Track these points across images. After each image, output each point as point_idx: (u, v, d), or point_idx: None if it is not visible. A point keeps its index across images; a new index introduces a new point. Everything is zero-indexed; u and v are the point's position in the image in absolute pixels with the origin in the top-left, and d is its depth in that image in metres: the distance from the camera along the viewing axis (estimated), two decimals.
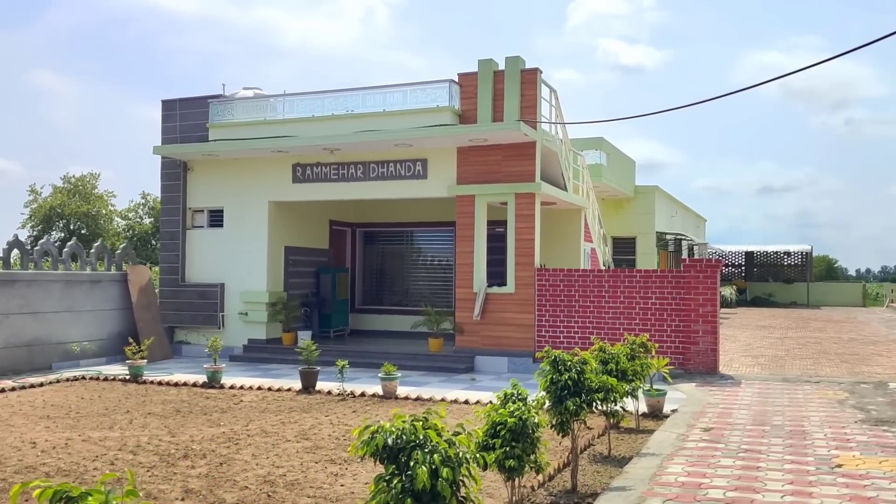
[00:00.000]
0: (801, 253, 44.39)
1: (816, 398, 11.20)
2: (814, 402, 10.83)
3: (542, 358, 7.33)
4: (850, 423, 9.36)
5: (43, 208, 44.28)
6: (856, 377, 13.39)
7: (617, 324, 14.12)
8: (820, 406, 10.56)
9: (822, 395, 11.48)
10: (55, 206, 44.02)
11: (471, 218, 15.11)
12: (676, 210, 30.60)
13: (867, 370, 14.45)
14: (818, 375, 13.58)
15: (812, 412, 10.12)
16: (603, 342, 8.82)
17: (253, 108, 16.51)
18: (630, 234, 26.13)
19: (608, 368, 8.15)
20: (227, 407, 11.03)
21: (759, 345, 19.51)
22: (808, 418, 9.69)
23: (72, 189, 44.85)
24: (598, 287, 14.31)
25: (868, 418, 9.63)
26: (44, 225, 44.63)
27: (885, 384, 12.31)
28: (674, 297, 13.76)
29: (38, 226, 44.86)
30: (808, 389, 11.99)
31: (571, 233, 17.92)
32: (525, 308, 14.70)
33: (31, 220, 44.95)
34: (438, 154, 15.41)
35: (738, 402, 10.93)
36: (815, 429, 9.07)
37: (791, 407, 10.48)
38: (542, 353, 7.25)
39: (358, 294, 20.06)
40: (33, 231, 44.85)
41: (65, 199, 44.00)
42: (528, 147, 14.75)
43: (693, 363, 13.48)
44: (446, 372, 14.41)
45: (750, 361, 15.90)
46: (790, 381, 12.84)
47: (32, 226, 45.18)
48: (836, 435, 8.69)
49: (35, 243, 40.80)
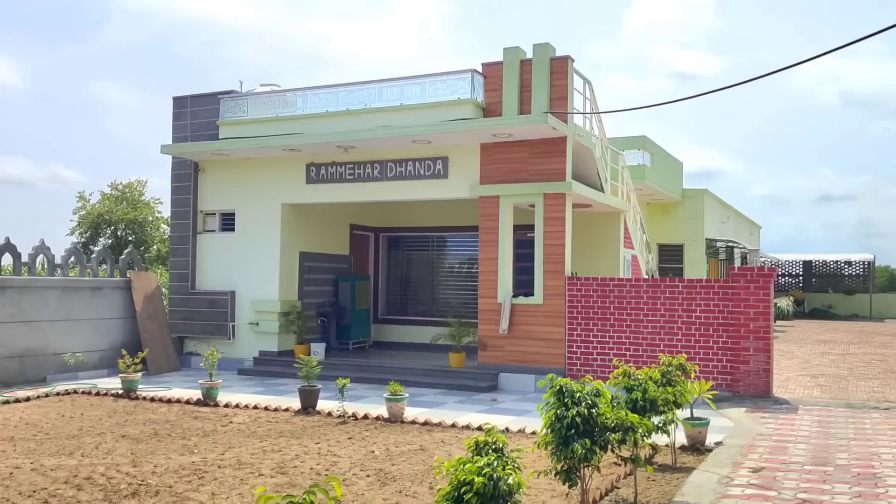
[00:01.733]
0: (863, 262, 41.92)
1: (888, 429, 9.60)
2: (884, 435, 9.24)
3: (573, 378, 5.97)
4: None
5: (91, 215, 44.27)
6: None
7: (657, 339, 12.64)
8: (892, 440, 8.97)
9: (894, 425, 9.87)
10: (103, 212, 43.96)
11: (495, 221, 13.79)
12: (728, 215, 28.76)
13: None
14: (888, 401, 11.91)
15: (883, 448, 8.55)
16: (627, 365, 7.41)
17: (265, 105, 15.47)
18: (677, 240, 24.45)
19: (632, 398, 6.75)
20: (213, 429, 9.89)
21: (818, 362, 17.76)
22: (878, 456, 8.14)
23: (119, 196, 44.78)
24: (635, 298, 12.85)
25: None
26: (92, 232, 44.64)
27: None
28: (721, 309, 12.23)
29: (86, 232, 44.91)
30: (876, 418, 10.38)
31: (609, 238, 16.46)
32: (554, 321, 13.31)
33: (80, 226, 45.03)
34: (460, 151, 14.13)
35: (794, 434, 9.40)
36: (889, 472, 7.53)
37: (858, 441, 8.92)
38: (543, 381, 5.90)
39: (381, 303, 18.86)
40: (81, 238, 44.92)
41: (112, 205, 43.91)
42: (558, 143, 13.38)
43: (743, 385, 11.93)
44: (466, 391, 13.10)
45: (808, 382, 14.24)
46: (855, 406, 11.22)
47: (81, 232, 45.25)
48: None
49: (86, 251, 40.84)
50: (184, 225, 16.47)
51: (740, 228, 32.57)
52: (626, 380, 7.04)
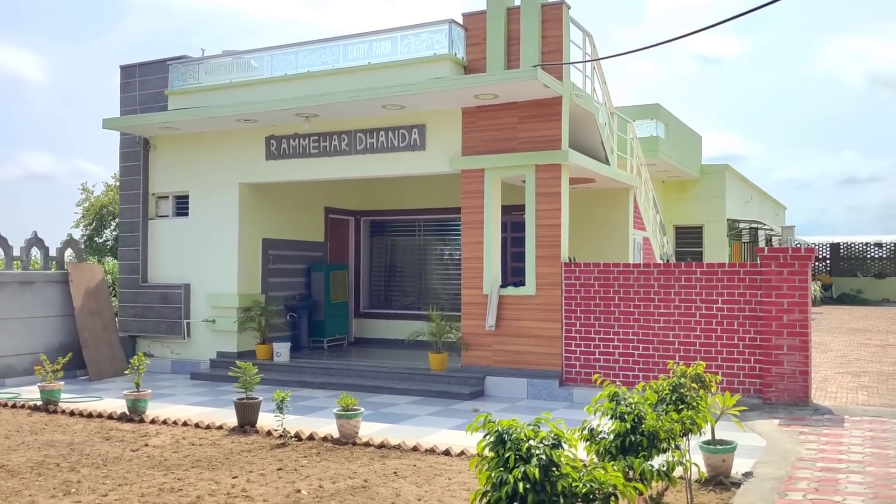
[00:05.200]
0: (893, 244, 39.47)
1: None
2: None
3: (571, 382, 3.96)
4: None
5: (95, 206, 42.81)
6: None
7: (671, 336, 10.59)
8: None
9: None
10: (106, 204, 42.38)
11: (479, 198, 11.78)
12: (752, 195, 26.54)
13: None
14: None
15: None
16: (614, 383, 5.38)
17: (218, 70, 13.52)
18: (696, 222, 22.28)
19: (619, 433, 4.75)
20: (118, 456, 7.99)
21: (856, 356, 15.63)
22: None
23: None
24: (645, 287, 10.81)
25: None
26: (96, 223, 43.19)
27: None
28: (747, 299, 10.17)
29: (90, 224, 43.47)
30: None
31: (617, 219, 14.41)
32: (549, 315, 11.30)
33: (84, 218, 43.60)
34: (438, 118, 12.11)
35: (843, 458, 7.35)
36: None
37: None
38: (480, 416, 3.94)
39: (363, 296, 16.90)
40: (86, 230, 43.48)
41: (115, 196, 42.27)
42: (552, 105, 11.32)
43: (775, 391, 9.88)
44: (445, 398, 11.13)
45: (850, 382, 12.15)
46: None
47: (86, 224, 43.83)
48: None
49: (90, 242, 39.32)
50: (133, 210, 14.59)
51: (765, 209, 30.31)
52: (613, 405, 5.02)
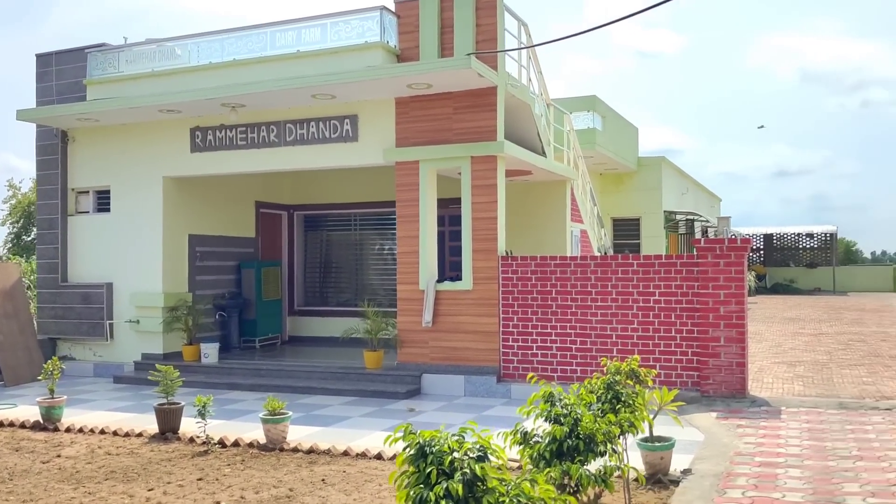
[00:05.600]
0: (824, 235, 40.50)
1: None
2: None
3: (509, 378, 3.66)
4: None
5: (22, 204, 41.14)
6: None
7: (608, 329, 10.45)
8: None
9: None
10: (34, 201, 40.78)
11: (414, 191, 11.45)
12: (687, 186, 26.82)
13: None
14: (885, 396, 9.88)
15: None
16: (551, 384, 5.12)
17: (139, 58, 12.88)
18: (633, 214, 22.39)
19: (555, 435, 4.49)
20: (27, 468, 7.45)
21: (791, 345, 15.81)
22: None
23: None
24: (582, 280, 10.63)
25: None
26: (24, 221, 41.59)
27: None
28: (684, 291, 10.08)
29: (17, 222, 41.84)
30: (879, 423, 8.30)
31: (554, 211, 14.24)
32: (486, 310, 11.05)
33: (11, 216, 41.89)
34: (371, 108, 11.74)
35: (782, 451, 7.26)
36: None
37: (866, 461, 6.81)
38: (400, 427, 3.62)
39: (298, 293, 16.42)
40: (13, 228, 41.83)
41: None
42: (487, 94, 11.05)
43: (713, 383, 9.81)
44: (381, 398, 10.79)
45: (786, 372, 12.21)
46: (849, 407, 9.15)
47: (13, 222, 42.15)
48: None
49: (17, 241, 37.72)
50: (51, 206, 13.84)
51: (700, 201, 30.72)
52: (548, 407, 4.76)
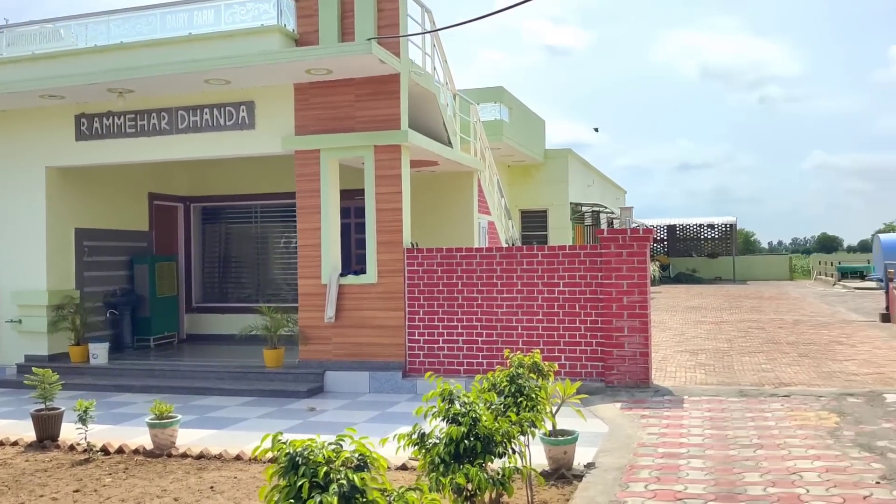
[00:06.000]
0: (725, 225, 41.92)
1: (796, 426, 7.62)
2: (796, 437, 7.22)
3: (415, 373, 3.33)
4: (865, 482, 5.75)
5: None
6: (833, 383, 9.95)
7: (514, 321, 10.31)
8: (807, 443, 6.95)
9: (803, 419, 7.92)
10: None
11: (315, 182, 11.04)
12: (593, 178, 27.17)
13: (838, 369, 11.08)
14: (783, 383, 10.09)
15: (800, 458, 6.49)
16: (446, 382, 4.86)
17: (19, 40, 12.00)
18: (541, 205, 22.50)
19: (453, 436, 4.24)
20: None
21: (694, 333, 16.13)
22: (800, 475, 6.04)
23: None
24: (488, 272, 10.46)
25: (891, 470, 6.04)
26: None
27: (880, 396, 8.85)
28: (588, 282, 10.02)
29: None
30: (778, 410, 8.42)
31: (461, 203, 14.06)
32: (392, 304, 10.75)
33: None
34: (269, 95, 11.25)
35: (685, 442, 7.24)
36: (819, 502, 5.43)
37: (766, 450, 6.83)
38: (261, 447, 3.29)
39: (196, 289, 15.73)
40: None
41: None
42: (390, 82, 10.74)
43: (617, 373, 9.79)
44: (281, 398, 10.36)
45: (688, 360, 12.38)
46: (749, 394, 9.27)
47: None
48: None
49: None
50: None
51: (606, 193, 31.21)
52: (446, 406, 4.51)
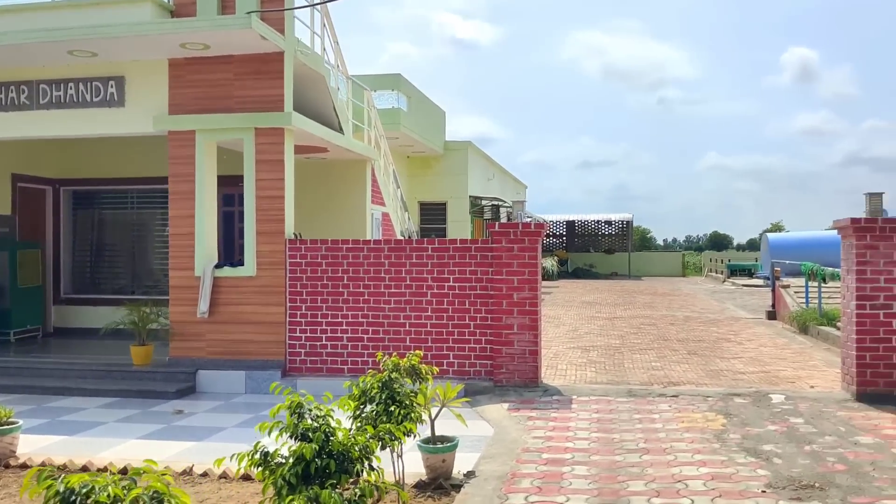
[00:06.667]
0: (622, 222, 42.71)
1: (683, 429, 7.42)
2: (682, 441, 7.00)
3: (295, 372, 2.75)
4: (751, 491, 5.54)
5: None
6: (720, 382, 9.90)
7: (402, 318, 9.82)
8: (693, 447, 6.74)
9: (690, 420, 7.74)
10: None
11: (190, 165, 10.24)
12: (494, 172, 27.00)
13: (726, 367, 11.09)
14: (672, 382, 9.97)
15: (686, 464, 6.26)
16: (295, 393, 4.30)
17: None
18: (440, 198, 22.12)
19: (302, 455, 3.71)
20: None
21: (587, 329, 16.06)
22: (685, 483, 5.78)
23: None
24: (375, 266, 9.93)
25: (776, 478, 5.86)
26: None
27: (766, 396, 8.80)
28: (479, 277, 9.64)
29: None
30: (666, 411, 8.23)
31: (353, 192, 13.47)
32: (272, 298, 10.09)
33: None
34: (140, 70, 10.38)
35: (570, 446, 6.91)
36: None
37: (652, 454, 6.58)
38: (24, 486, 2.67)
39: (65, 279, 14.58)
40: None
41: None
42: (273, 60, 10.05)
43: (506, 372, 9.44)
44: (148, 398, 9.55)
45: (580, 357, 12.20)
46: (638, 394, 9.08)
47: None
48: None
49: None
50: None
51: (506, 187, 31.13)
52: (296, 420, 3.97)
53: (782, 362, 11.53)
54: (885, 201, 10.11)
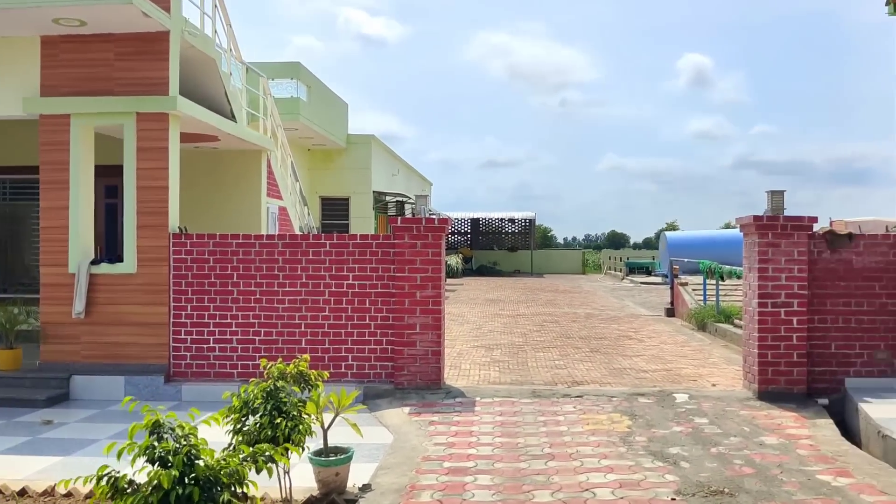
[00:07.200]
0: (525, 220, 43.01)
1: (588, 432, 7.17)
2: (588, 445, 6.75)
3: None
4: (660, 499, 5.30)
5: None
6: (624, 381, 9.75)
7: (297, 318, 9.25)
8: (600, 452, 6.49)
9: (595, 422, 7.51)
10: None
11: (64, 152, 9.37)
12: (398, 168, 26.53)
13: (629, 366, 11.00)
14: (576, 381, 9.77)
15: (593, 470, 5.98)
16: (154, 410, 3.76)
17: None
18: (342, 193, 21.49)
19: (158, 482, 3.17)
20: None
21: (490, 327, 15.83)
22: (593, 492, 5.49)
23: None
24: (268, 263, 9.32)
25: (685, 483, 5.65)
26: None
27: (669, 396, 8.68)
28: (380, 275, 9.17)
29: None
30: (571, 412, 7.98)
31: (248, 185, 12.76)
32: (154, 297, 9.33)
33: None
34: (8, 46, 9.43)
35: (473, 453, 6.55)
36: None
37: (559, 460, 6.28)
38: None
39: None
40: None
41: None
42: (157, 40, 9.29)
43: (407, 374, 9.01)
44: (13, 407, 8.65)
45: (484, 356, 11.90)
46: (542, 395, 8.82)
47: None
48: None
49: None
50: None
51: (412, 183, 30.73)
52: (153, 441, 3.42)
53: (683, 360, 11.55)
54: None
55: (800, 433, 7.05)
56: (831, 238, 8.54)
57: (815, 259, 8.58)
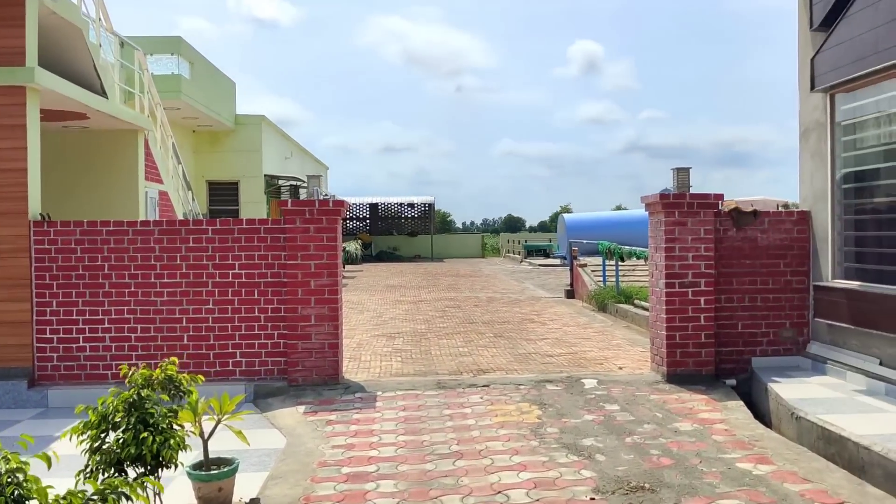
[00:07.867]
0: (424, 205, 42.61)
1: (497, 425, 6.74)
2: (498, 439, 6.30)
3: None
4: (578, 499, 4.90)
5: None
6: (530, 367, 9.39)
7: (178, 312, 8.42)
8: (511, 447, 6.05)
9: (504, 414, 7.08)
10: None
11: None
12: (291, 151, 25.53)
13: (533, 350, 10.69)
14: (481, 369, 9.34)
15: (505, 469, 5.54)
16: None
17: None
18: (231, 177, 20.41)
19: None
20: None
21: (392, 314, 15.29)
22: (506, 494, 5.04)
23: None
24: (144, 252, 8.45)
25: (603, 479, 5.27)
26: None
27: (578, 381, 8.35)
28: (270, 263, 8.46)
29: None
30: (478, 404, 7.54)
31: (123, 168, 11.73)
32: (13, 293, 8.33)
33: None
34: None
35: (374, 455, 5.99)
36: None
37: (467, 458, 5.81)
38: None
39: None
40: None
41: None
42: (11, 4, 8.23)
43: (302, 369, 8.35)
44: None
45: (385, 346, 11.35)
46: (447, 386, 8.34)
47: None
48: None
49: None
50: None
51: (306, 167, 29.73)
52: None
53: (587, 342, 11.34)
54: (688, 178, 10.08)
55: (713, 417, 6.83)
56: (737, 216, 8.39)
57: (721, 237, 8.42)
